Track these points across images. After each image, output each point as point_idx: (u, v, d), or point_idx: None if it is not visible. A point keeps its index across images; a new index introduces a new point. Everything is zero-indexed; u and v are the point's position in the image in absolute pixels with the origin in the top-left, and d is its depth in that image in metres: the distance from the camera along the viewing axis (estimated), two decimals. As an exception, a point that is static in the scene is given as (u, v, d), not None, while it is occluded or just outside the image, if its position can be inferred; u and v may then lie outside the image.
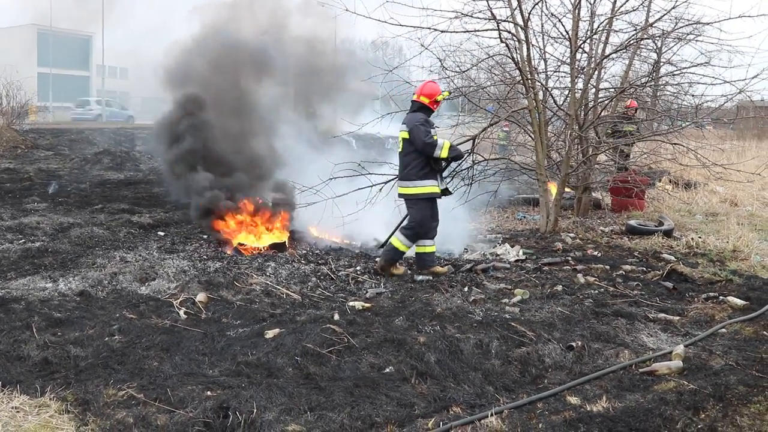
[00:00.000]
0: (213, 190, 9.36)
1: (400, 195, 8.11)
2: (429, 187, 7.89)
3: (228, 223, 9.16)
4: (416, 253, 8.06)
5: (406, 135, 7.83)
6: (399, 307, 6.56)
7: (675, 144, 11.96)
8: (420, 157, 7.82)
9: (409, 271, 8.11)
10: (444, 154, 7.81)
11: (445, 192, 8.13)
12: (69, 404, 4.29)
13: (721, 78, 10.33)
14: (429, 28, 9.66)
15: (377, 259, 8.19)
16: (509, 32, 9.98)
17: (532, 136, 10.71)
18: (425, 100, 7.94)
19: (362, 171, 9.43)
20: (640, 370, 5.01)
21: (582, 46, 10.96)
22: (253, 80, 10.87)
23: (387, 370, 5.04)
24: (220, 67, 10.50)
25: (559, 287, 7.32)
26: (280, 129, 11.21)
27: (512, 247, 9.27)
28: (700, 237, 10.00)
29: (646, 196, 13.50)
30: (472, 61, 11.58)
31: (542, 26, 11.14)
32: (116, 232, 9.76)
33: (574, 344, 5.47)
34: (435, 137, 7.79)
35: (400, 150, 7.99)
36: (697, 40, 11.22)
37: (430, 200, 7.95)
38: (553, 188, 10.84)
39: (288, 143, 11.15)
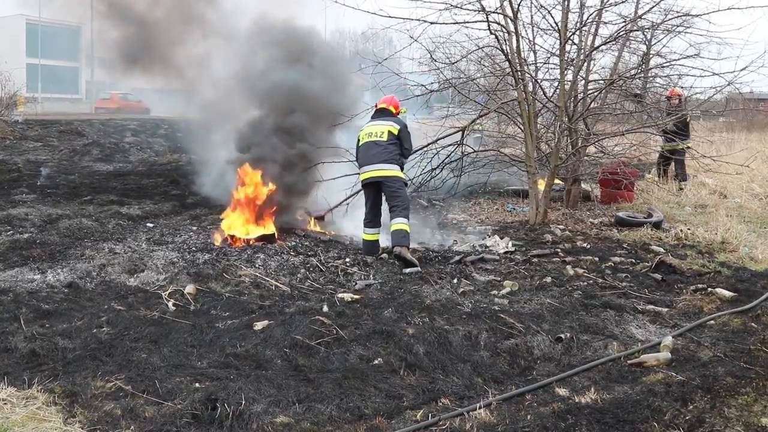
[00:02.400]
0: None
1: (384, 177, 8.36)
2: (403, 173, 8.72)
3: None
4: (393, 231, 8.19)
5: (394, 130, 8.48)
6: (388, 299, 6.57)
7: (664, 135, 12.00)
8: (399, 149, 8.53)
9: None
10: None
11: None
12: (56, 396, 4.27)
13: (710, 70, 10.36)
14: (419, 20, 9.66)
15: (395, 249, 8.00)
16: (498, 24, 9.98)
17: (522, 128, 10.71)
18: (393, 111, 8.77)
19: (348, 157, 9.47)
20: (629, 361, 5.03)
21: (571, 37, 10.95)
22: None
23: (376, 361, 5.04)
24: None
25: (548, 279, 7.32)
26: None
27: (501, 238, 9.26)
28: (689, 229, 10.02)
29: (635, 188, 13.51)
30: (462, 52, 11.59)
31: (531, 18, 11.16)
32: (105, 224, 9.71)
33: (562, 336, 5.49)
34: None
35: (383, 140, 8.42)
36: (686, 32, 11.22)
37: None
38: (541, 185, 10.84)
39: None
